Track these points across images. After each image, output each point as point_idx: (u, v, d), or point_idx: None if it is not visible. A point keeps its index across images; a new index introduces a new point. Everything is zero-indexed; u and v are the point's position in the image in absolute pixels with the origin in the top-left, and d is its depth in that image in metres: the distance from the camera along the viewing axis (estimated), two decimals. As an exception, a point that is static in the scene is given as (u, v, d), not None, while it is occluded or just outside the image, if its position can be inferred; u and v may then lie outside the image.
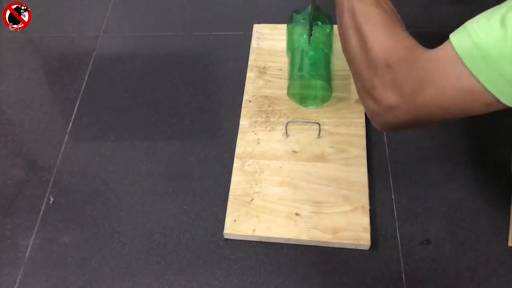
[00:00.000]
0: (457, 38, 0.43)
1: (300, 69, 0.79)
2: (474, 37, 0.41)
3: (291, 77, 0.80)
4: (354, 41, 0.52)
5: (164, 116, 0.85)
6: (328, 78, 0.79)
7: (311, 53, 0.79)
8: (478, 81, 0.41)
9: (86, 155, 0.81)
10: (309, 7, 0.77)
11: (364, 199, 0.71)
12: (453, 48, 0.42)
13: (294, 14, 0.83)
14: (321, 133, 0.78)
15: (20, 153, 0.84)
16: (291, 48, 0.82)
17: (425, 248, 0.68)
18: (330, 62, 0.82)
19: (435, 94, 0.44)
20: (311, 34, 0.79)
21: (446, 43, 0.44)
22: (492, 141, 0.78)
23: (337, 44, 0.86)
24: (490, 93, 0.41)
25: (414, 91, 0.45)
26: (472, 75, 0.41)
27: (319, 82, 0.79)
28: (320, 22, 0.79)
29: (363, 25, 0.51)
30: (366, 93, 0.50)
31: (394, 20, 0.51)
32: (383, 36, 0.49)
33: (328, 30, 0.82)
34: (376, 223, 0.71)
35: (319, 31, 0.79)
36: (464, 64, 0.42)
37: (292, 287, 0.66)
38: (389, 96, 0.47)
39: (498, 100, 0.41)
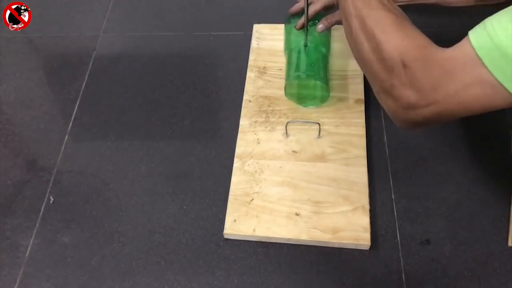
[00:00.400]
0: (477, 37, 0.43)
1: (297, 69, 0.79)
2: (494, 37, 0.41)
3: (288, 77, 0.80)
4: (366, 46, 0.52)
5: (164, 116, 0.85)
6: (325, 78, 0.78)
7: (308, 53, 0.78)
8: (498, 81, 0.42)
9: (86, 155, 0.81)
10: (305, 8, 0.76)
11: (364, 199, 0.71)
12: (472, 47, 0.43)
13: (292, 17, 0.83)
14: (321, 133, 0.78)
15: (20, 153, 0.84)
16: (289, 48, 0.82)
17: (425, 248, 0.68)
18: (328, 62, 0.82)
19: (454, 91, 0.45)
20: (307, 36, 0.78)
21: (464, 41, 0.44)
22: (493, 141, 0.78)
23: (335, 44, 0.86)
24: (509, 92, 0.42)
25: (433, 89, 0.46)
26: (492, 74, 0.42)
27: (317, 82, 0.79)
28: (318, 22, 0.79)
29: (374, 29, 0.51)
30: (385, 93, 0.51)
31: (404, 21, 0.51)
32: (395, 37, 0.49)
33: None
34: (376, 223, 0.71)
35: (316, 31, 0.79)
36: (483, 64, 0.42)
37: (292, 287, 0.66)
38: (408, 94, 0.48)
39: None
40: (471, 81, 0.44)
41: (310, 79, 0.79)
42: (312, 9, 0.76)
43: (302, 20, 0.78)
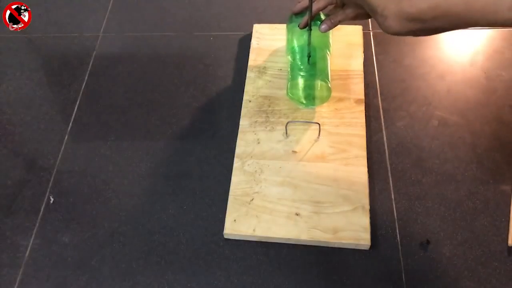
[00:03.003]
0: None
1: (300, 69, 0.79)
2: None
3: (291, 77, 0.80)
4: None
5: (164, 116, 0.85)
6: (328, 78, 0.79)
7: (311, 53, 0.79)
8: None
9: (86, 155, 0.81)
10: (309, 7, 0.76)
11: (364, 199, 0.71)
12: None
13: (294, 17, 0.83)
14: (321, 133, 0.78)
15: (20, 153, 0.84)
16: (291, 48, 0.82)
17: (425, 248, 0.68)
18: (329, 62, 0.82)
19: None
20: (310, 36, 0.78)
21: None
22: (492, 141, 0.78)
23: (336, 44, 0.86)
24: None
25: None
26: None
27: (319, 82, 0.79)
28: (319, 22, 0.79)
29: None
30: None
31: None
32: None
33: None
34: (376, 223, 0.71)
35: (318, 31, 0.79)
36: None
37: (292, 287, 0.66)
38: None
39: None
40: None
41: (313, 79, 0.79)
42: (316, 7, 0.76)
43: (305, 19, 0.78)
